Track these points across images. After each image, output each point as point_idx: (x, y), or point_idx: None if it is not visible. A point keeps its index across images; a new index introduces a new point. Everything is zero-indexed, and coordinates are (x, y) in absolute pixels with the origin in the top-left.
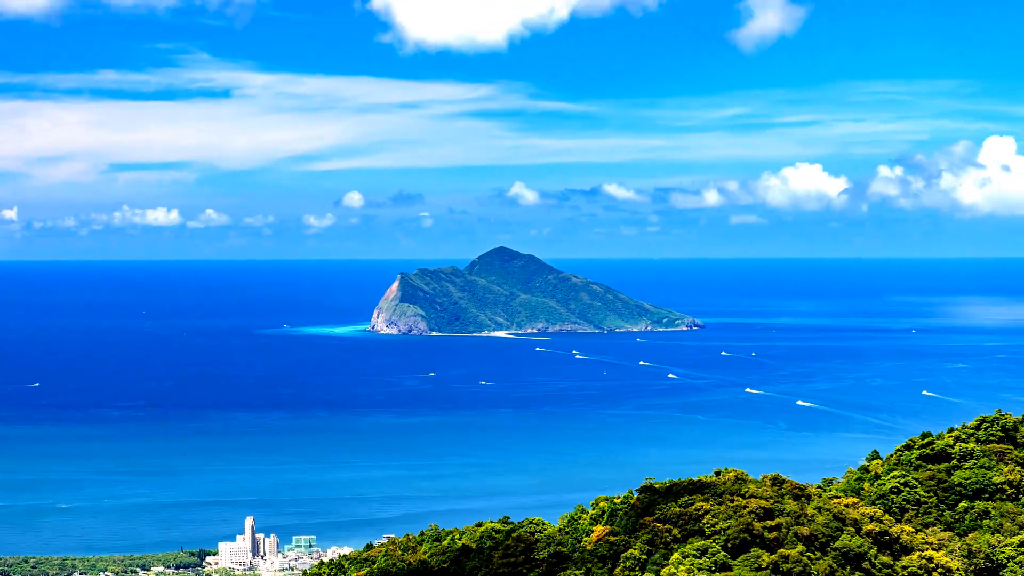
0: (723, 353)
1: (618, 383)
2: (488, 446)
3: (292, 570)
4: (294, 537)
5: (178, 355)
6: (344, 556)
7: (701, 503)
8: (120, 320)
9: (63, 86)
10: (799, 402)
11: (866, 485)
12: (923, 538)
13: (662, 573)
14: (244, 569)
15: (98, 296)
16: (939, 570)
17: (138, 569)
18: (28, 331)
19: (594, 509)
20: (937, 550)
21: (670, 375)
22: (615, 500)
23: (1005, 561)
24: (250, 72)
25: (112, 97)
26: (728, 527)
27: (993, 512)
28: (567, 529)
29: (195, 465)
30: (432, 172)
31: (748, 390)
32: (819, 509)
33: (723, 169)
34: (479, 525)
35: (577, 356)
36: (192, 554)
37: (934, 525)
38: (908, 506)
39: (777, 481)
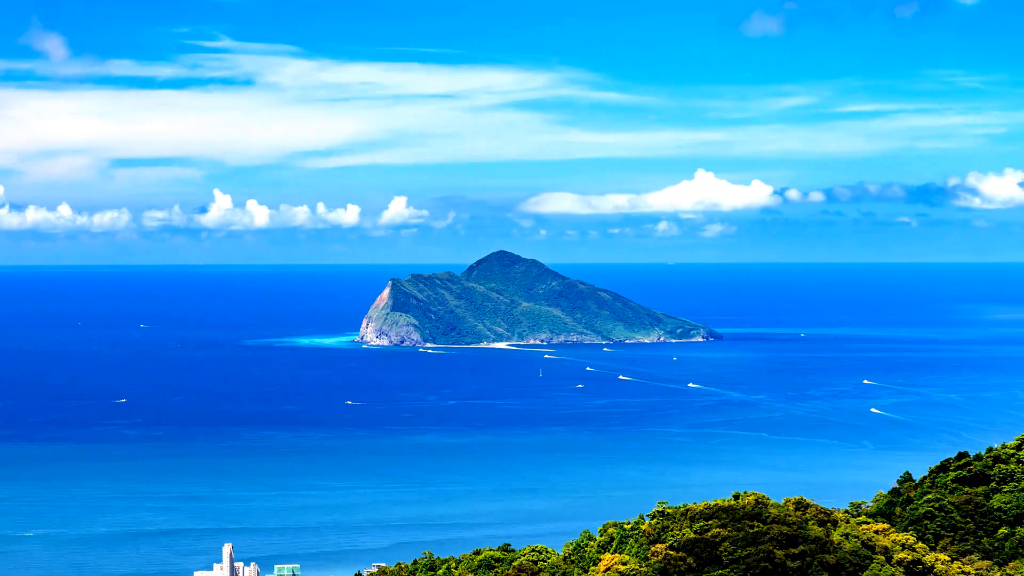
0: (674, 358)
1: (629, 400)
2: (486, 469)
3: None
4: (276, 566)
5: (168, 370)
6: None
7: (718, 529)
8: (106, 332)
9: (64, 74)
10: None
11: (898, 510)
12: (960, 567)
13: None
14: None
15: (60, 306)
16: None
17: None
18: (11, 343)
19: (602, 536)
20: None
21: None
22: (625, 526)
23: None
24: (284, 57)
25: (118, 86)
26: (748, 555)
27: None
28: (573, 558)
29: (170, 488)
30: (452, 168)
31: (694, 385)
32: (847, 536)
33: (777, 165)
34: (477, 553)
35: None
36: None
37: (972, 553)
38: (943, 532)
39: (801, 505)
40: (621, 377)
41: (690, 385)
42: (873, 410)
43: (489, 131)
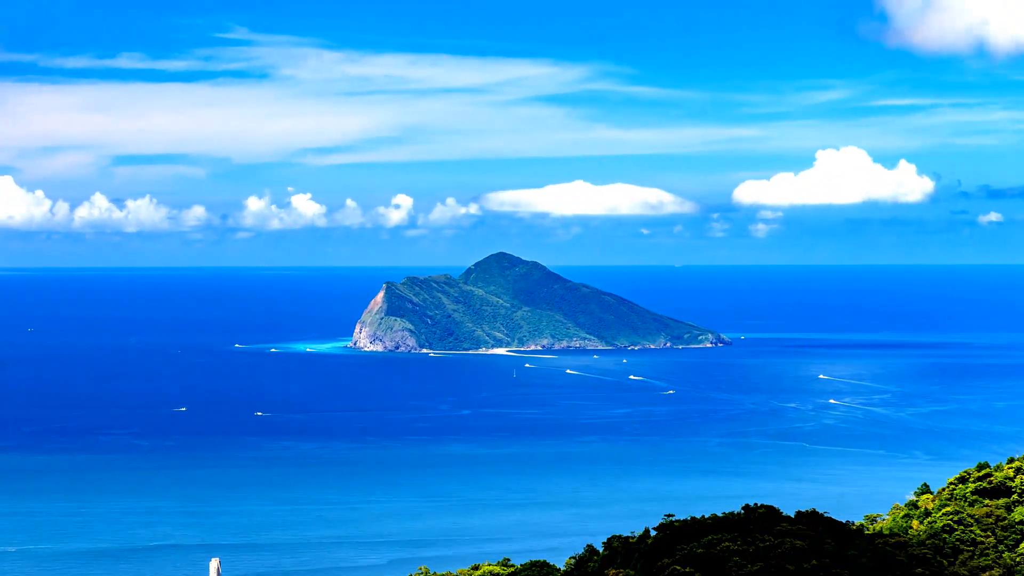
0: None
1: (651, 408)
2: (485, 481)
3: None
4: None
5: (171, 376)
6: None
7: (727, 543)
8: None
9: (68, 67)
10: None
11: (915, 523)
12: None
13: None
14: None
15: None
16: None
17: None
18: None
19: (605, 550)
20: None
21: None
22: (630, 539)
23: None
24: (306, 49)
25: (123, 79)
26: (758, 571)
27: None
28: (575, 572)
29: (156, 501)
30: (459, 165)
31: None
32: (861, 550)
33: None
34: (475, 568)
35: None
36: None
37: (992, 569)
38: (962, 547)
39: (814, 518)
40: (569, 371)
41: (631, 377)
42: (832, 401)
43: (509, 127)
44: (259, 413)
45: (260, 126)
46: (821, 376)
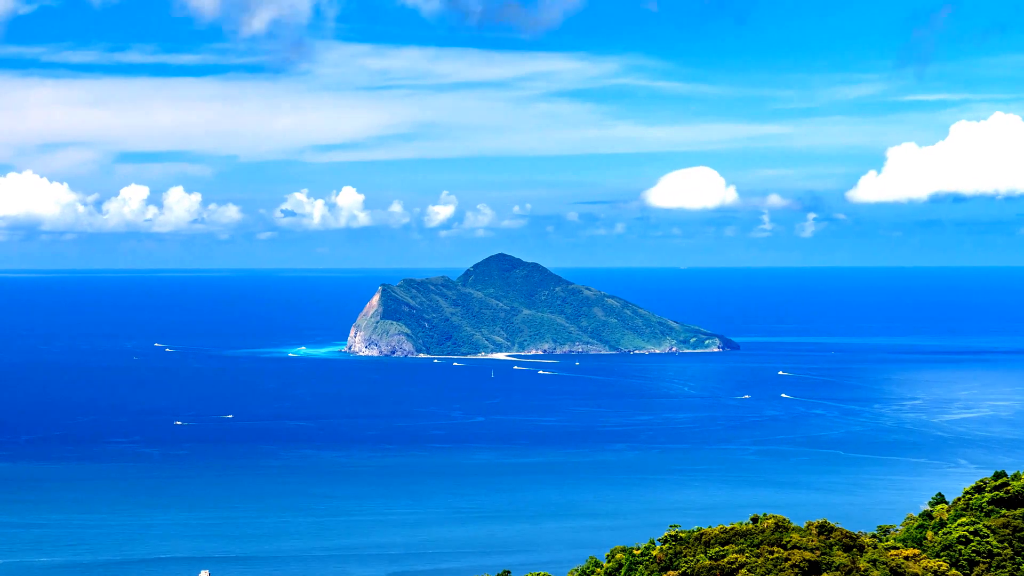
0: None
1: (672, 415)
2: (484, 490)
3: None
4: None
5: (174, 380)
6: None
7: (735, 555)
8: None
9: (74, 61)
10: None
11: (929, 534)
12: None
13: None
14: None
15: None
16: None
17: None
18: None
19: (609, 562)
20: None
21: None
22: (634, 551)
23: None
24: (328, 41)
25: (130, 74)
26: None
27: None
28: None
29: (147, 512)
30: (469, 163)
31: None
32: (874, 562)
33: (838, 161)
34: None
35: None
36: None
37: None
38: (979, 558)
39: (825, 529)
40: (541, 372)
41: (540, 372)
42: (783, 395)
43: (526, 124)
44: (178, 423)
45: (269, 123)
46: (780, 373)
